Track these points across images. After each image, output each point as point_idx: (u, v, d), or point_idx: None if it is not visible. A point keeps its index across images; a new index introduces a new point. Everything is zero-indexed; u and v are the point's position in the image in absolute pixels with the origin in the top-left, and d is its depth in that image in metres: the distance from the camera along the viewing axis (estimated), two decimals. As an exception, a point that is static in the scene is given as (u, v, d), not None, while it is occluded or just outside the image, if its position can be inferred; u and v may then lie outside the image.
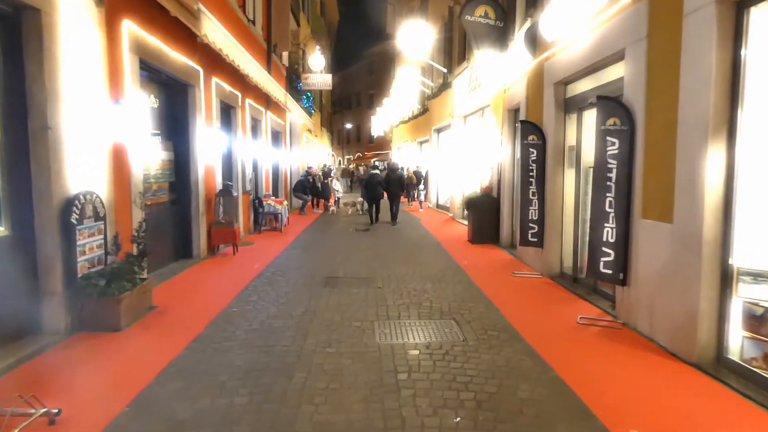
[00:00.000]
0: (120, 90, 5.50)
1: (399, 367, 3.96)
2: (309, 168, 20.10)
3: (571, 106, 6.82)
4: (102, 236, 4.84)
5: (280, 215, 11.97)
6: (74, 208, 4.38)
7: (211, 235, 8.51)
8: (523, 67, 8.34)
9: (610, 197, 5.04)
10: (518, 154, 9.55)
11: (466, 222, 13.39)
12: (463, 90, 13.87)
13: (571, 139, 6.93)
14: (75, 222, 4.38)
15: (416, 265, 7.97)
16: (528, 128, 7.36)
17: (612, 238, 5.05)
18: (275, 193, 15.37)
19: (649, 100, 4.69)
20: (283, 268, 7.71)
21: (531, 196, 7.33)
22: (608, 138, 5.01)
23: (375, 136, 37.70)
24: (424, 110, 21.61)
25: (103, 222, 4.85)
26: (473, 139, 14.61)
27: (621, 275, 5.01)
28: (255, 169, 12.66)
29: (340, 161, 50.26)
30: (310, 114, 19.67)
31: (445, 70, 16.27)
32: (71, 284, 4.40)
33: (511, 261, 8.54)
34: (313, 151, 26.92)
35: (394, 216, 14.32)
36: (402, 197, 15.80)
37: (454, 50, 15.32)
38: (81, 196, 4.51)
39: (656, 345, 4.47)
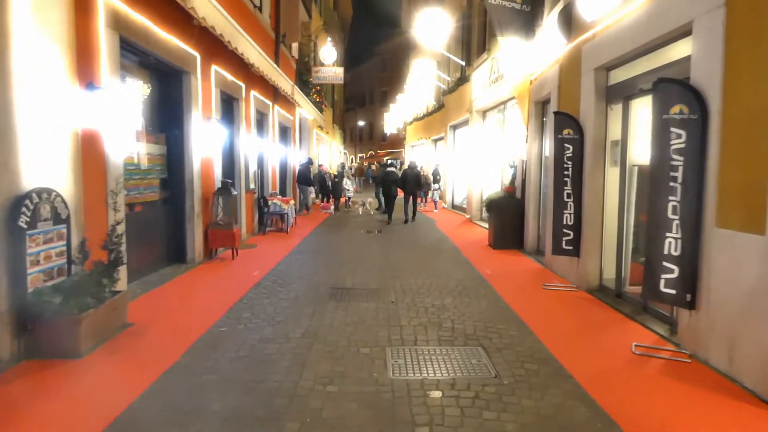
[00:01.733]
0: (94, 71, 4.73)
1: (417, 416, 3.12)
2: (320, 166, 19.35)
3: (615, 94, 5.92)
4: (64, 242, 4.07)
5: (286, 215, 11.20)
6: (24, 209, 3.61)
7: (208, 238, 7.74)
8: (555, 53, 7.44)
9: (674, 201, 4.15)
10: (547, 151, 8.66)
11: (485, 225, 12.53)
12: (483, 83, 12.97)
13: (614, 133, 6.03)
14: (24, 226, 3.61)
15: (433, 275, 7.12)
16: (563, 121, 6.46)
17: (676, 250, 4.16)
18: (282, 192, 14.62)
19: (728, 81, 3.79)
20: (285, 276, 6.91)
21: (566, 199, 6.43)
22: (672, 129, 4.11)
23: (388, 134, 36.84)
24: (439, 107, 20.73)
25: (65, 225, 4.08)
26: (493, 135, 13.72)
27: (688, 296, 4.12)
28: (260, 166, 11.89)
29: (352, 159, 49.51)
30: (321, 110, 18.88)
31: (463, 63, 15.38)
32: (19, 301, 3.63)
33: (540, 270, 7.65)
34: (324, 149, 26.17)
35: (412, 214, 14.08)
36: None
37: (473, 41, 14.41)
38: (34, 195, 3.74)
39: (739, 387, 3.58)
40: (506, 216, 9.45)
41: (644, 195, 5.70)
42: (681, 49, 4.53)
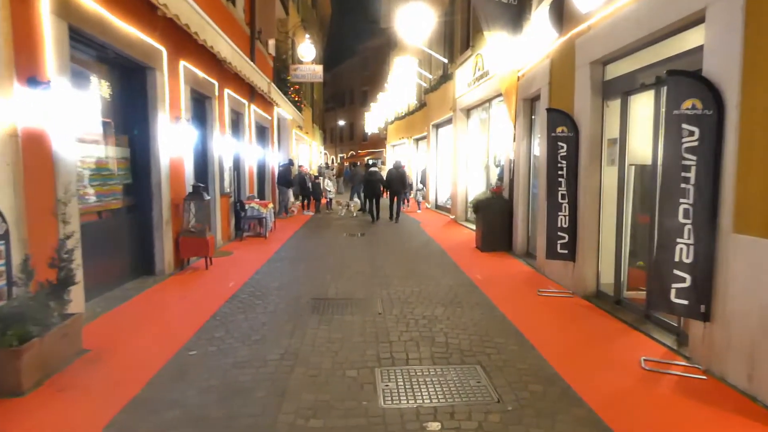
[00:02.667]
0: (38, 64, 4.19)
1: (415, 459, 2.70)
2: (300, 167, 18.81)
3: (613, 90, 5.59)
4: (2, 261, 3.54)
5: (264, 220, 10.67)
6: (-51, 225, 3.09)
7: (179, 247, 7.21)
8: (545, 48, 7.10)
9: (685, 204, 3.81)
10: (536, 150, 8.34)
11: (471, 226, 12.20)
12: (467, 80, 12.63)
13: (611, 131, 5.71)
14: (-51, 244, 3.09)
15: (421, 281, 6.72)
16: (556, 118, 6.12)
17: (688, 257, 3.82)
18: (261, 195, 14.08)
19: (747, 73, 3.46)
20: (263, 286, 6.43)
21: (560, 200, 6.09)
22: (684, 126, 3.77)
23: (369, 134, 36.39)
24: (421, 105, 20.38)
25: (3, 242, 3.55)
26: (478, 134, 13.40)
27: (702, 307, 3.79)
28: (237, 168, 11.35)
29: (333, 159, 48.92)
30: (300, 109, 18.34)
31: (446, 61, 15.03)
32: (-54, 333, 3.10)
33: (531, 274, 7.31)
34: (303, 149, 25.61)
35: (396, 214, 14.06)
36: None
37: (457, 38, 14.07)
38: (-37, 208, 3.22)
39: (761, 406, 3.25)
40: (494, 217, 9.11)
41: (643, 196, 5.40)
42: (691, 39, 4.20)
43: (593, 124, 5.78)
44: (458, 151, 13.95)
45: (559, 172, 6.07)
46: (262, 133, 14.63)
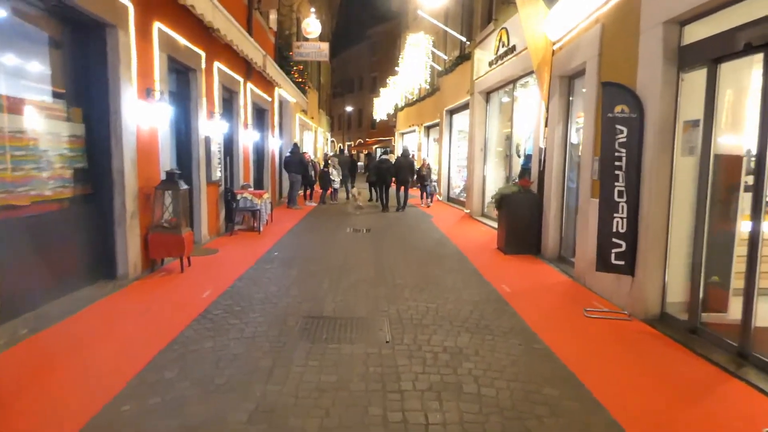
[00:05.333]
0: None
1: None
2: (304, 153, 17.56)
3: (694, 57, 4.31)
4: None
5: (258, 212, 9.49)
6: None
7: (148, 245, 6.05)
8: (594, 10, 5.81)
9: None
10: (574, 137, 7.08)
11: (489, 222, 10.99)
12: (487, 59, 11.32)
13: (690, 111, 4.44)
14: None
15: (438, 294, 5.52)
16: (614, 95, 4.84)
17: None
18: (259, 184, 12.91)
19: None
20: (245, 297, 5.26)
21: (617, 198, 4.84)
22: None
23: (377, 120, 34.97)
24: (434, 90, 19.06)
25: None
26: (498, 120, 12.13)
27: None
28: (230, 154, 10.16)
29: (340, 147, 47.67)
30: (304, 92, 17.07)
31: (463, 39, 13.67)
32: None
33: (570, 286, 6.08)
34: (308, 135, 24.36)
35: (403, 203, 13.69)
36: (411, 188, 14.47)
37: (477, 12, 12.73)
38: None
39: None
40: (521, 214, 7.87)
41: (729, 194, 4.16)
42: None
43: (664, 102, 4.50)
44: (475, 139, 12.66)
45: (617, 164, 4.81)
46: (261, 115, 13.41)
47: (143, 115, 5.97)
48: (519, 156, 10.44)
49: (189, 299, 5.12)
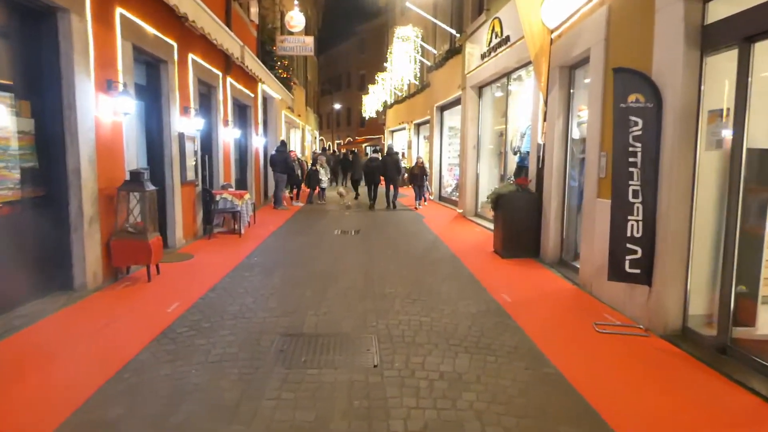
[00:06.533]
0: None
1: None
2: (290, 152, 16.95)
3: (720, 37, 3.82)
4: None
5: (239, 213, 8.90)
6: None
7: (111, 252, 5.45)
8: (601, -8, 5.32)
9: None
10: (575, 132, 6.59)
11: (483, 223, 10.50)
12: (479, 52, 10.80)
13: (714, 100, 3.95)
14: None
15: (431, 305, 4.98)
16: (627, 82, 4.33)
17: None
18: (242, 184, 12.30)
19: None
20: (216, 311, 4.68)
21: (631, 199, 4.33)
22: None
23: (366, 118, 34.35)
24: (423, 87, 18.54)
25: None
26: (491, 115, 11.64)
27: None
28: (208, 152, 9.55)
29: (329, 146, 46.99)
30: (289, 88, 16.45)
31: (453, 32, 13.15)
32: None
33: (575, 294, 5.58)
34: (296, 133, 23.73)
35: (392, 201, 13.69)
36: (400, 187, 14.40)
37: (467, 2, 12.20)
38: None
39: None
40: (519, 215, 7.36)
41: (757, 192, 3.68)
42: None
43: (686, 90, 4.00)
44: (467, 136, 12.16)
45: (631, 160, 4.30)
46: (244, 112, 12.80)
47: (104, 110, 5.38)
48: (514, 153, 9.94)
49: (152, 314, 4.54)
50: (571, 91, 6.76)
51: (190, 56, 8.10)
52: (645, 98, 4.23)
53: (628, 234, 4.35)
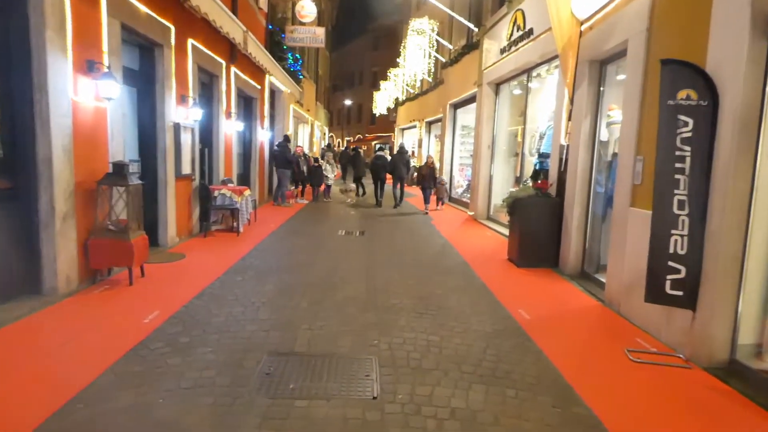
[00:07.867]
0: None
1: None
2: (297, 147, 16.45)
3: (794, 24, 3.23)
4: None
5: (238, 211, 8.39)
6: None
7: (89, 252, 4.95)
8: (643, -24, 4.72)
9: None
10: (603, 134, 6.01)
11: (497, 227, 9.92)
12: (499, 47, 10.21)
13: (784, 97, 3.36)
14: None
15: (441, 321, 4.43)
16: (677, 76, 3.75)
17: None
18: (244, 180, 11.81)
19: None
20: (199, 323, 4.17)
21: (676, 210, 3.75)
22: None
23: (377, 115, 33.77)
24: (437, 84, 17.93)
25: None
26: (509, 114, 11.05)
27: None
28: (208, 144, 9.04)
29: (339, 142, 46.51)
30: (298, 81, 15.94)
31: (471, 26, 12.55)
32: None
33: (600, 312, 5.00)
34: (303, 128, 23.22)
35: (400, 199, 13.46)
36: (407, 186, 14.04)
37: (487, -5, 11.60)
38: None
39: None
40: (537, 222, 6.79)
41: None
42: None
43: (748, 86, 3.42)
44: (482, 136, 11.56)
45: (678, 165, 3.72)
46: (249, 104, 12.29)
47: (84, 94, 4.87)
48: (531, 155, 9.35)
49: (125, 325, 4.03)
50: (601, 88, 6.17)
51: (190, 41, 7.59)
52: (698, 95, 3.64)
53: (671, 250, 3.76)
